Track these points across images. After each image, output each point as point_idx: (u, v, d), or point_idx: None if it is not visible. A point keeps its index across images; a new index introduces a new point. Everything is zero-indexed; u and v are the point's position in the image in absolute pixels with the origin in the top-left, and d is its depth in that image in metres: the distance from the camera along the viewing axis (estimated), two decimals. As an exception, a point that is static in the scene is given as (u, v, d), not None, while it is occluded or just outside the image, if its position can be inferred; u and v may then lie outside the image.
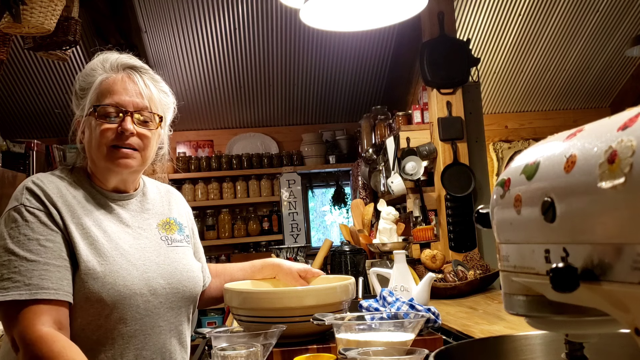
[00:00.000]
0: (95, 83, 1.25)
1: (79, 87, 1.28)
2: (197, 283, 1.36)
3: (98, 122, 1.23)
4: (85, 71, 1.29)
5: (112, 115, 1.23)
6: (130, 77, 1.27)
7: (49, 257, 1.14)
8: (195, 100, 4.97)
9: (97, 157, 1.25)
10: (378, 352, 0.90)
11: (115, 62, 1.28)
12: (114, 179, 1.30)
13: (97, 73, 1.27)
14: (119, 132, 1.23)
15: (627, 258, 0.44)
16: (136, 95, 1.26)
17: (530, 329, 0.67)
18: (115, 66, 1.27)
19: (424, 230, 3.04)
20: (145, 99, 1.27)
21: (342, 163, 5.23)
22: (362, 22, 2.19)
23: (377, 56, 4.80)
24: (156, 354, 1.24)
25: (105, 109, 1.23)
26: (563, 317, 0.58)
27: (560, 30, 4.45)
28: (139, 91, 1.27)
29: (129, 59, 1.30)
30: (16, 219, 1.16)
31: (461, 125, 3.29)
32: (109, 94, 1.24)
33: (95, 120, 1.23)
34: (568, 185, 0.50)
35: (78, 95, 1.28)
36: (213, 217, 5.08)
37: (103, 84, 1.25)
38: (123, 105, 1.24)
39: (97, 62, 1.29)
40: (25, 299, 1.09)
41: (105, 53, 1.32)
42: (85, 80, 1.28)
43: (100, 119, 1.23)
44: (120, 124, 1.23)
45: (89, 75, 1.27)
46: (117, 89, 1.25)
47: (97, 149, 1.24)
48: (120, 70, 1.27)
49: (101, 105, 1.23)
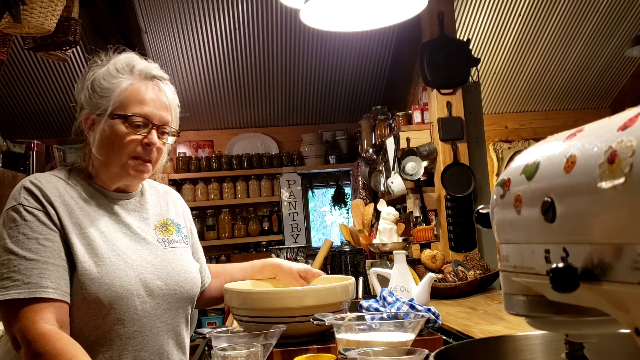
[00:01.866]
0: (121, 87, 1.24)
1: (100, 85, 1.26)
2: (194, 284, 1.36)
3: (126, 131, 1.23)
4: (109, 70, 1.27)
5: (141, 127, 1.24)
6: (160, 88, 1.28)
7: (48, 256, 1.14)
8: (195, 100, 4.97)
9: (112, 162, 1.25)
10: (378, 352, 0.90)
11: (144, 69, 1.28)
12: (120, 183, 1.30)
13: (124, 76, 1.26)
14: (143, 143, 1.24)
15: (627, 258, 0.44)
16: (163, 108, 1.27)
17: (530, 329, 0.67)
18: (144, 74, 1.27)
19: (424, 231, 3.04)
20: (169, 113, 1.29)
21: (342, 163, 5.23)
22: (362, 23, 2.19)
23: (377, 56, 4.80)
24: (154, 355, 1.24)
25: (134, 119, 1.23)
26: (563, 317, 0.58)
27: (560, 30, 4.46)
28: (165, 104, 1.28)
29: (155, 68, 1.30)
30: (15, 219, 1.16)
31: (461, 125, 3.29)
32: (139, 103, 1.24)
33: (121, 128, 1.23)
34: (568, 186, 0.50)
35: (97, 93, 1.26)
36: (213, 218, 5.08)
37: (130, 89, 1.24)
38: (152, 118, 1.25)
39: (123, 64, 1.27)
40: (25, 297, 1.10)
41: (128, 53, 1.31)
42: (108, 80, 1.26)
43: (129, 128, 1.23)
44: (147, 136, 1.24)
45: (114, 77, 1.26)
46: (147, 99, 1.25)
47: (116, 155, 1.24)
48: (148, 79, 1.27)
49: (133, 115, 1.23)
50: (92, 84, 1.27)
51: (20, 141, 4.23)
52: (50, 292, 1.11)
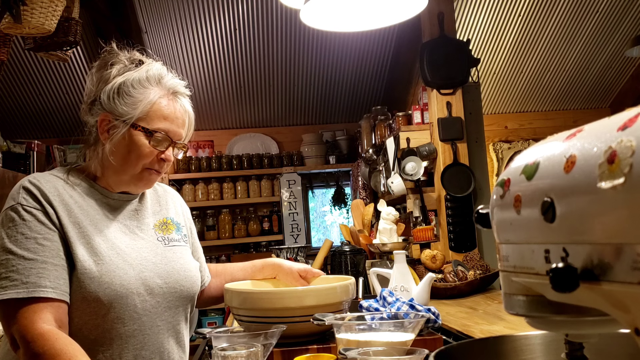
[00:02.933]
0: (149, 98, 1.25)
1: (128, 92, 1.24)
2: (194, 282, 1.36)
3: (147, 145, 1.24)
4: (139, 77, 1.26)
5: (161, 142, 1.26)
6: (181, 105, 1.31)
7: (47, 256, 1.14)
8: (195, 100, 4.93)
9: (125, 170, 1.26)
10: (378, 352, 0.90)
11: (173, 86, 1.30)
12: (127, 188, 1.31)
13: (152, 87, 1.27)
14: (159, 158, 1.27)
15: (627, 258, 0.44)
16: (182, 126, 1.30)
17: (530, 329, 0.67)
18: (171, 89, 1.29)
19: (424, 231, 3.04)
20: (185, 131, 1.31)
21: (342, 163, 5.23)
22: (362, 23, 2.19)
23: (377, 56, 4.81)
24: (155, 353, 1.24)
25: (157, 135, 1.25)
26: (563, 317, 0.58)
27: (560, 30, 4.46)
28: (184, 120, 1.31)
29: (179, 83, 1.32)
30: (13, 218, 1.16)
31: (461, 125, 3.29)
32: (164, 118, 1.26)
33: (143, 140, 1.24)
34: (568, 186, 0.50)
35: (122, 98, 1.24)
36: (213, 218, 5.09)
37: (157, 103, 1.26)
38: (172, 135, 1.27)
39: (152, 74, 1.28)
40: (23, 297, 1.10)
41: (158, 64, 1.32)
42: (137, 90, 1.25)
43: (151, 142, 1.25)
44: (164, 152, 1.27)
45: (143, 87, 1.26)
46: (171, 116, 1.27)
47: (131, 164, 1.25)
48: (173, 94, 1.30)
49: (157, 130, 1.25)
50: (119, 87, 1.25)
51: (21, 141, 4.23)
52: (48, 292, 1.11)
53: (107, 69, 1.28)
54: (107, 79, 1.27)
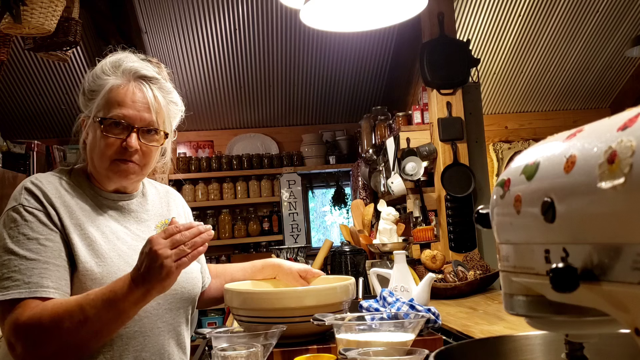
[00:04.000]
0: (105, 88, 1.23)
1: (88, 88, 1.25)
2: (195, 284, 1.36)
3: (103, 135, 1.21)
4: (96, 72, 1.25)
5: (119, 128, 1.21)
6: (141, 89, 1.24)
7: (49, 257, 1.14)
8: (195, 100, 4.97)
9: (98, 165, 1.25)
10: (378, 352, 0.90)
11: (128, 69, 1.24)
12: (113, 185, 1.30)
13: (108, 78, 1.23)
14: (122, 147, 1.21)
15: (627, 258, 0.44)
16: (144, 109, 1.23)
17: (530, 329, 0.67)
18: (128, 73, 1.24)
19: (424, 231, 3.04)
20: (153, 114, 1.24)
21: (342, 163, 5.23)
22: (362, 23, 2.19)
23: (377, 57, 4.81)
24: (155, 355, 1.24)
25: (111, 122, 1.21)
26: (563, 317, 0.58)
27: (560, 30, 4.46)
28: (148, 105, 1.23)
29: (141, 67, 1.26)
30: (15, 219, 1.16)
31: (461, 125, 3.29)
32: (117, 105, 1.21)
33: (100, 132, 1.21)
34: (568, 186, 0.50)
35: (87, 96, 1.26)
36: (213, 218, 5.09)
37: (112, 91, 1.22)
38: (130, 120, 1.21)
39: (109, 64, 1.25)
40: (25, 297, 1.09)
41: (118, 54, 1.28)
42: (95, 82, 1.24)
43: (106, 131, 1.21)
44: (125, 139, 1.21)
45: (99, 78, 1.24)
46: (126, 101, 1.22)
47: (99, 158, 1.24)
48: (132, 79, 1.24)
49: (108, 118, 1.21)
50: (84, 86, 1.27)
51: (21, 141, 4.23)
52: (51, 292, 1.11)
53: None
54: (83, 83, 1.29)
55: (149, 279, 1.06)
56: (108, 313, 1.07)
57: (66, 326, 1.06)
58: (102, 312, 1.07)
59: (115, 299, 1.08)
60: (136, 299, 1.08)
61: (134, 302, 1.08)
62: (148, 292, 1.07)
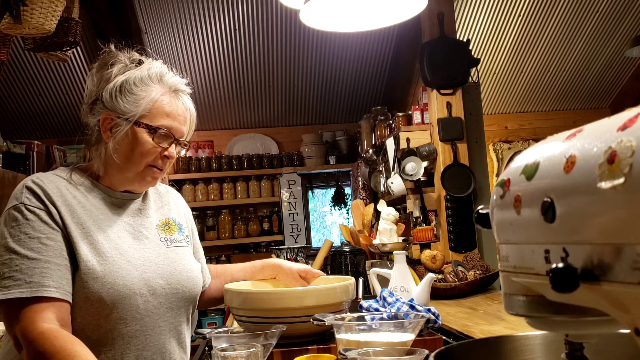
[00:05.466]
0: (151, 95, 1.26)
1: (131, 90, 1.25)
2: (196, 283, 1.36)
3: (150, 142, 1.25)
4: (141, 76, 1.27)
5: (164, 139, 1.27)
6: (183, 103, 1.32)
7: (50, 256, 1.14)
8: (195, 100, 4.88)
9: (128, 168, 1.26)
10: (378, 352, 0.90)
11: (174, 83, 1.31)
12: (130, 187, 1.31)
13: (154, 85, 1.27)
14: (162, 155, 1.27)
15: (627, 258, 0.44)
16: (183, 123, 1.31)
17: (530, 329, 0.67)
18: (172, 86, 1.30)
19: (424, 231, 3.04)
20: (187, 128, 1.33)
21: (342, 164, 5.23)
22: (362, 23, 2.19)
23: (377, 57, 4.81)
24: (156, 354, 1.24)
25: (161, 132, 1.26)
26: (563, 317, 0.58)
27: (560, 30, 4.46)
28: (186, 118, 1.32)
29: (182, 82, 1.33)
30: (17, 218, 1.16)
31: (461, 125, 3.29)
32: (167, 115, 1.27)
33: (146, 137, 1.25)
34: (568, 186, 0.50)
35: (125, 96, 1.25)
36: (213, 218, 5.09)
37: (160, 101, 1.27)
38: (174, 132, 1.28)
39: (154, 72, 1.29)
40: (27, 296, 1.10)
41: (159, 62, 1.33)
42: (140, 87, 1.26)
43: (155, 140, 1.25)
44: (168, 149, 1.27)
45: (145, 84, 1.27)
46: (173, 113, 1.28)
47: (134, 162, 1.26)
48: (175, 91, 1.31)
49: (160, 127, 1.26)
50: (121, 85, 1.26)
51: (21, 142, 4.23)
52: (52, 291, 1.11)
53: (107, 68, 1.29)
54: (108, 78, 1.27)
55: None
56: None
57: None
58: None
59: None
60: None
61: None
62: None
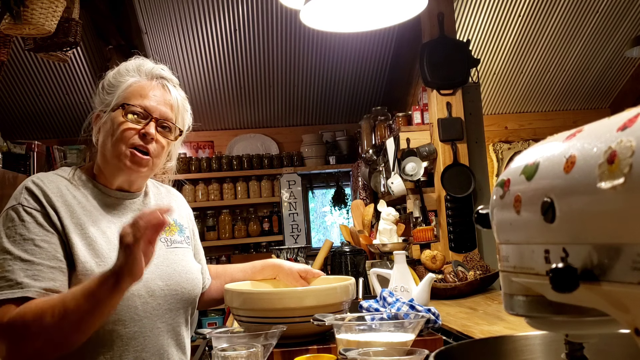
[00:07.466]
0: (126, 83, 1.28)
1: (108, 83, 1.31)
2: (196, 285, 1.36)
3: (123, 120, 1.25)
4: (119, 70, 1.32)
5: (139, 117, 1.26)
6: (164, 86, 1.32)
7: (43, 258, 1.14)
8: (195, 101, 4.97)
9: (111, 154, 1.26)
10: (378, 352, 0.90)
11: (150, 69, 1.32)
12: (120, 178, 1.30)
13: (130, 75, 1.30)
14: (141, 134, 1.26)
15: (627, 258, 0.44)
16: (164, 104, 1.30)
17: (530, 329, 0.67)
18: (150, 73, 1.31)
19: (424, 231, 3.04)
20: (173, 110, 1.31)
21: (343, 164, 5.23)
22: (362, 23, 2.19)
23: (377, 57, 4.81)
24: (155, 355, 1.24)
25: (133, 109, 1.26)
26: (563, 317, 0.58)
27: (560, 30, 4.46)
28: (169, 101, 1.31)
29: (163, 70, 1.34)
30: (13, 219, 1.16)
31: (461, 126, 3.29)
32: (140, 96, 1.28)
33: (121, 118, 1.25)
34: (568, 186, 0.50)
35: (105, 90, 1.31)
36: (213, 218, 5.09)
37: (134, 85, 1.29)
38: (150, 110, 1.27)
39: (133, 65, 1.32)
40: (18, 297, 1.09)
41: (141, 59, 1.35)
42: (116, 78, 1.30)
43: (126, 118, 1.26)
44: (144, 127, 1.26)
45: (122, 75, 1.30)
46: (148, 94, 1.29)
47: (115, 145, 1.25)
48: (154, 79, 1.31)
49: (130, 104, 1.26)
50: (103, 83, 1.32)
51: (21, 142, 4.23)
52: (42, 294, 1.11)
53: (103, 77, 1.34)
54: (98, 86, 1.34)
55: (117, 262, 1.05)
56: (86, 303, 1.06)
57: (47, 321, 1.06)
58: (81, 302, 1.06)
59: (92, 288, 1.07)
60: (110, 285, 1.05)
61: (108, 290, 1.06)
62: (119, 277, 1.05)
